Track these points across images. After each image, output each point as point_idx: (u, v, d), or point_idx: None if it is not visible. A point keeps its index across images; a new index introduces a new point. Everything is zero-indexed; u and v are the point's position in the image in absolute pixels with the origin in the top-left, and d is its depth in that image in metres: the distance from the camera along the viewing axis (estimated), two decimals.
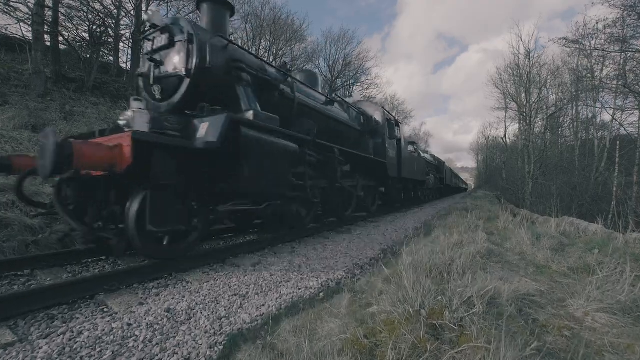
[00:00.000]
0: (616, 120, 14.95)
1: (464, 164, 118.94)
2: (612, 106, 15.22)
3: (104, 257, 3.56)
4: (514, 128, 26.18)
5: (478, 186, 59.75)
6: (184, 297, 2.51)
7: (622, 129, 15.10)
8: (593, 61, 15.50)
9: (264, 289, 2.83)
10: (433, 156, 20.40)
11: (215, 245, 4.59)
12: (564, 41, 13.19)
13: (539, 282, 1.97)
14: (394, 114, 40.66)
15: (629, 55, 11.79)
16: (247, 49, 5.21)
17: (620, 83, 13.05)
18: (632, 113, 14.13)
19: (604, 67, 14.96)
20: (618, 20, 10.49)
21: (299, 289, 2.87)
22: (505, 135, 23.85)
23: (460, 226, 4.05)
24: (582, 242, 3.41)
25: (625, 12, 10.29)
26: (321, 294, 2.83)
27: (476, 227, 4.07)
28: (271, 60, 22.30)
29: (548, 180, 14.54)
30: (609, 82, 13.17)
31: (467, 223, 4.49)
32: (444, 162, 22.84)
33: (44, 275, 2.95)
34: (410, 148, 12.63)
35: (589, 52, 13.88)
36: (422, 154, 15.52)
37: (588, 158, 16.39)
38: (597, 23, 11.00)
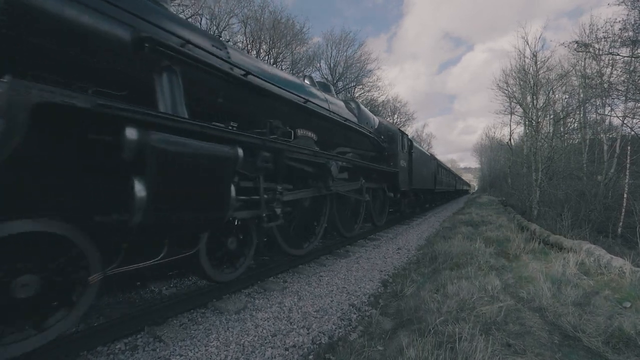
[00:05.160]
0: (627, 125, 14.45)
1: (468, 164, 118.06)
2: (622, 110, 14.73)
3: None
4: (519, 131, 25.69)
5: (482, 189, 59.13)
6: None
7: (633, 132, 14.62)
8: (602, 64, 15.02)
9: (246, 349, 2.49)
10: (353, 104, 7.54)
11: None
12: (575, 45, 12.71)
13: None
14: (395, 116, 39.53)
15: None
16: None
17: (630, 88, 12.57)
18: None
19: (614, 70, 14.47)
20: (636, 22, 10.01)
21: (286, 349, 2.53)
22: (510, 139, 23.33)
23: (468, 265, 3.69)
24: (609, 288, 3.05)
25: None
26: (310, 356, 2.50)
27: (488, 266, 3.70)
28: (271, 62, 21.98)
29: (555, 187, 14.07)
30: (619, 86, 12.66)
31: (476, 254, 4.12)
32: (405, 136, 9.73)
33: None
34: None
35: (598, 55, 13.41)
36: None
37: (597, 164, 15.91)
38: (612, 25, 10.53)
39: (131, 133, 1.99)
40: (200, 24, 19.00)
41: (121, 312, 2.96)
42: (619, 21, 10.80)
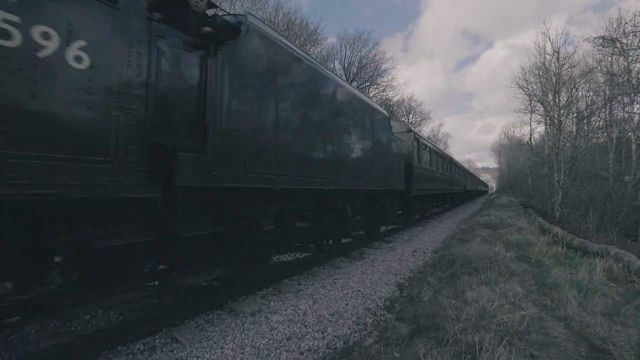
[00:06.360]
0: None
1: (486, 164, 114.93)
2: None
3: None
4: (540, 130, 24.81)
5: (501, 189, 57.45)
6: None
7: None
8: (630, 60, 14.29)
9: (261, 352, 2.50)
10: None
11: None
12: (601, 40, 12.11)
13: None
14: (410, 116, 37.30)
15: None
16: None
17: None
18: None
19: None
20: None
21: (301, 354, 2.52)
22: (530, 139, 22.51)
23: (488, 270, 3.56)
24: None
25: None
26: None
27: (508, 272, 3.57)
28: None
29: (579, 188, 13.49)
30: None
31: (496, 259, 3.98)
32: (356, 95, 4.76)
33: None
34: None
35: (626, 50, 12.75)
36: None
37: (624, 164, 15.15)
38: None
39: None
40: None
41: (140, 312, 3.03)
42: None
